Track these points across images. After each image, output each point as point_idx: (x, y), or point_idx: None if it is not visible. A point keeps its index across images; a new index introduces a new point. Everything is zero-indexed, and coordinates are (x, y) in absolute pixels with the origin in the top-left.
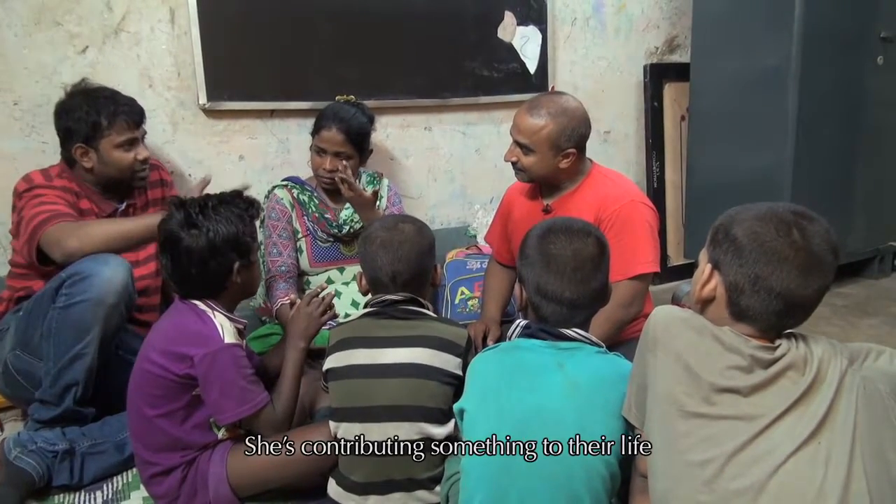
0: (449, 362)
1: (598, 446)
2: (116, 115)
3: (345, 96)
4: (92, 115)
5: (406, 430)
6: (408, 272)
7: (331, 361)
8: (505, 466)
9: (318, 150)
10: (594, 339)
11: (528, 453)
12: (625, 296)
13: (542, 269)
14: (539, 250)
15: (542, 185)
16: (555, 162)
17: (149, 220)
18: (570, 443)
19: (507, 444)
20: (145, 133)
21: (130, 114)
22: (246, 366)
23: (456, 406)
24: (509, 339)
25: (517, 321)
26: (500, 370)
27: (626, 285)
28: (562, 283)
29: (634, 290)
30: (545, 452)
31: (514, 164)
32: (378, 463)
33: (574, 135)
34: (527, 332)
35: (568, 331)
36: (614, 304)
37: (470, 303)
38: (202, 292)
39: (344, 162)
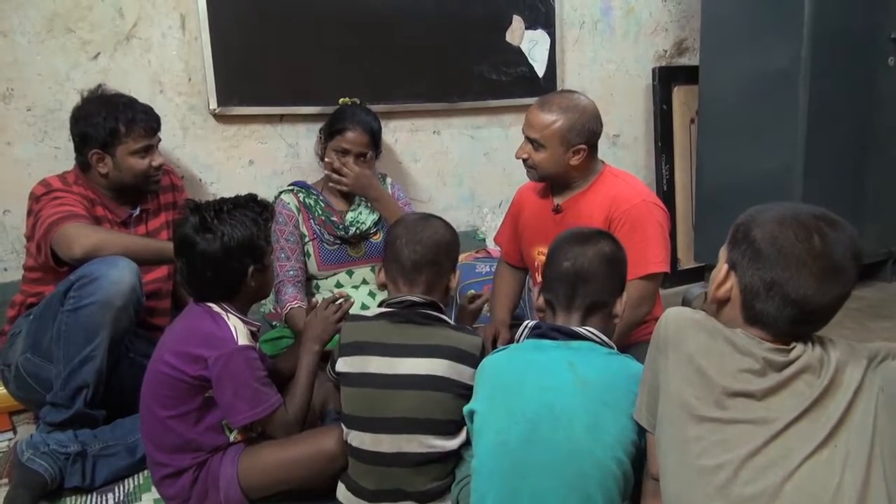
0: (464, 373)
1: (610, 445)
2: (134, 122)
3: (349, 99)
4: (110, 121)
5: (418, 443)
6: (427, 260)
7: (345, 365)
8: (516, 466)
9: (341, 152)
10: (605, 339)
11: (540, 452)
12: (634, 296)
13: (550, 264)
14: (553, 254)
15: (554, 184)
16: (565, 158)
17: (165, 246)
18: (582, 441)
19: (518, 442)
20: (160, 140)
21: (148, 121)
22: (259, 368)
23: (466, 408)
24: (517, 341)
25: (525, 322)
26: (510, 370)
27: (636, 285)
28: (566, 258)
29: (644, 291)
30: (556, 451)
31: (524, 161)
32: (387, 472)
33: (584, 131)
34: (537, 333)
35: (580, 329)
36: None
37: None
38: (217, 295)
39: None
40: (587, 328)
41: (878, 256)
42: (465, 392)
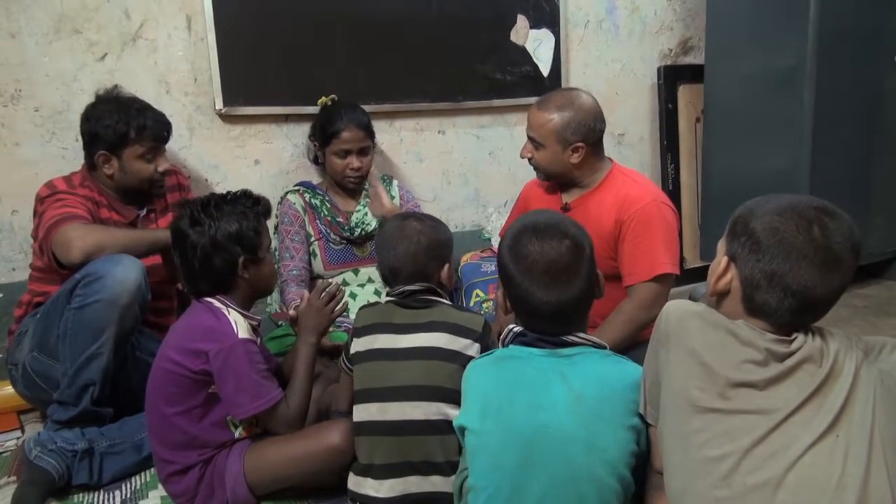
0: (467, 346)
1: (611, 462)
2: (144, 129)
3: (326, 98)
4: (121, 125)
5: (424, 410)
6: (406, 270)
7: (357, 345)
8: (514, 490)
9: (342, 153)
10: (596, 340)
11: (537, 475)
12: (646, 297)
13: (522, 278)
14: (512, 258)
15: (561, 183)
16: (564, 156)
17: (160, 234)
18: (580, 462)
19: (514, 466)
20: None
21: (159, 129)
22: (259, 361)
23: (456, 422)
24: (502, 344)
25: (510, 326)
26: (499, 384)
27: (648, 287)
28: (542, 292)
29: (655, 292)
30: (554, 473)
31: (530, 161)
32: (394, 442)
33: (580, 128)
34: (523, 341)
35: (568, 337)
36: (636, 304)
37: (484, 305)
38: (211, 288)
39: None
40: (576, 334)
41: (886, 255)
42: (467, 363)
